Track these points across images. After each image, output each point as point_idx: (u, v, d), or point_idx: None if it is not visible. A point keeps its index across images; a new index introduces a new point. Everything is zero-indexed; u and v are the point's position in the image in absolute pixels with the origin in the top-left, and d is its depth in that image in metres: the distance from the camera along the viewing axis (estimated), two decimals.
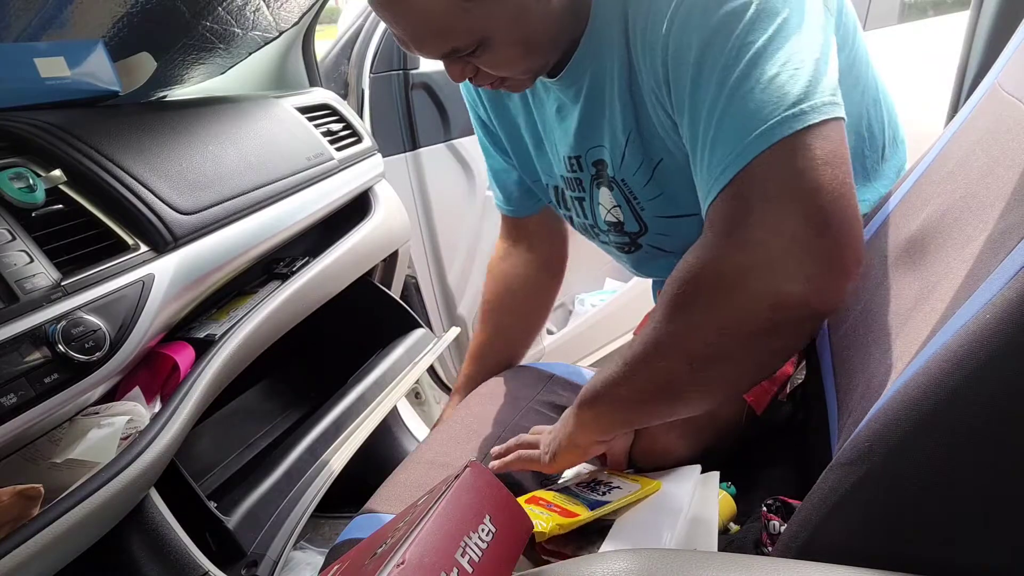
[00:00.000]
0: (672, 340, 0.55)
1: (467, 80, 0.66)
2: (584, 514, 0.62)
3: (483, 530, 0.46)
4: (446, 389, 1.61)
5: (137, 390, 0.67)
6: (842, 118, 0.51)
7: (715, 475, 0.67)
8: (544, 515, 0.61)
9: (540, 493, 0.67)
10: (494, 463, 0.73)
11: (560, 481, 0.72)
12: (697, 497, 0.63)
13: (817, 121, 0.50)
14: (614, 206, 0.73)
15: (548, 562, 0.58)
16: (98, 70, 0.78)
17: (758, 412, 0.73)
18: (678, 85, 0.55)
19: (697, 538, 0.58)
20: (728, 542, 0.58)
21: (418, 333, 1.13)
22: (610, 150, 0.68)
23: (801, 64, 0.51)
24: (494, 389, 0.94)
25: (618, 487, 0.67)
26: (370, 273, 1.13)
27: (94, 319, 0.59)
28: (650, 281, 0.96)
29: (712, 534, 0.58)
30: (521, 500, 0.64)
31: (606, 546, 0.59)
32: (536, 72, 0.68)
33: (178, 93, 1.04)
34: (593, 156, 0.71)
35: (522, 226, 0.96)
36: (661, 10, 0.55)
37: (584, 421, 0.65)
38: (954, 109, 1.08)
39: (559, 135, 0.74)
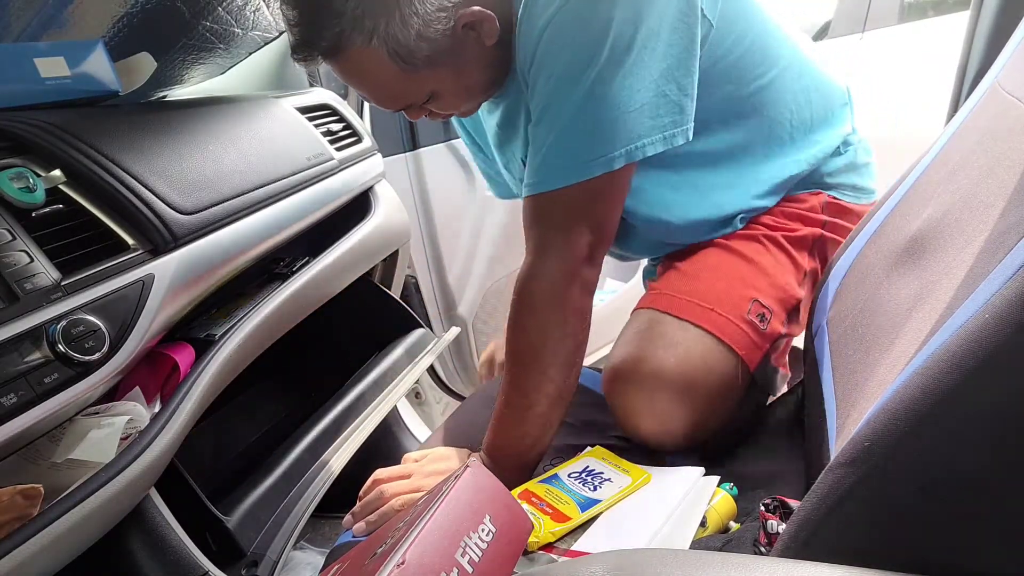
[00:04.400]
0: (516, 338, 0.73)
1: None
2: (576, 517, 0.62)
3: (483, 530, 0.46)
4: (446, 389, 1.61)
5: (137, 390, 0.67)
6: (637, 160, 0.67)
7: (713, 479, 0.67)
8: (536, 519, 0.61)
9: (531, 486, 0.68)
10: (370, 517, 0.71)
11: (550, 470, 0.72)
12: (688, 500, 0.63)
13: (619, 167, 0.67)
14: None
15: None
16: (98, 70, 0.78)
17: (752, 368, 0.77)
18: (534, 93, 0.70)
19: (672, 540, 0.58)
20: (726, 541, 0.59)
21: (418, 333, 1.13)
22: None
23: (621, 112, 0.65)
24: (494, 391, 0.94)
25: (609, 479, 0.68)
26: (370, 273, 1.13)
27: (94, 319, 0.59)
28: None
29: (687, 538, 0.58)
30: (513, 493, 0.64)
31: (586, 539, 0.60)
32: (481, 101, 0.80)
33: (178, 93, 1.04)
34: None
35: None
36: (536, 24, 0.66)
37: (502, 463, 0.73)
38: (954, 109, 1.08)
39: (513, 143, 0.85)
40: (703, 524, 0.62)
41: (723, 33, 0.72)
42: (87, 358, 0.58)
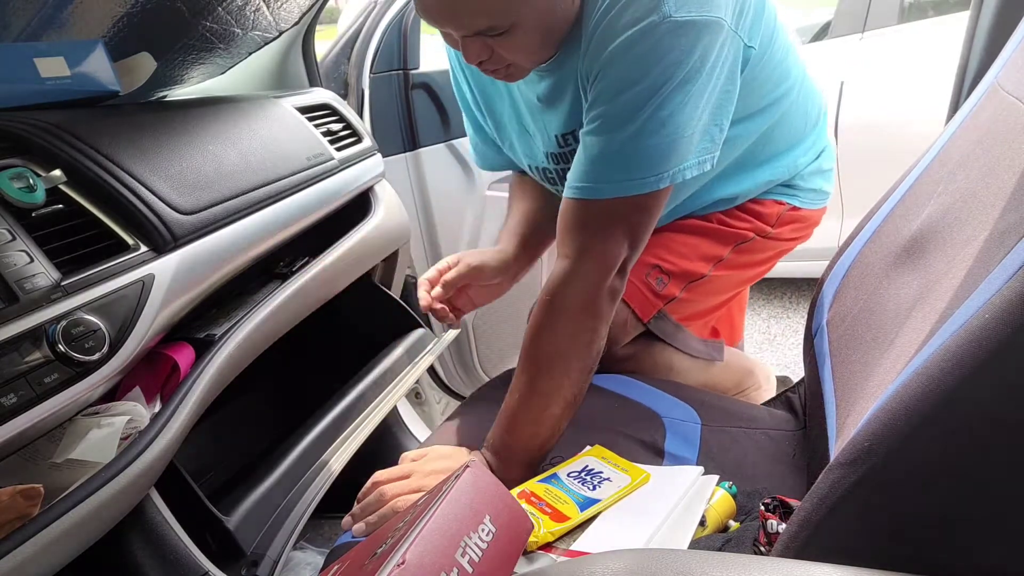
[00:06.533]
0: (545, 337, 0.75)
1: (474, 65, 0.76)
2: (575, 517, 0.62)
3: (483, 530, 0.46)
4: (446, 389, 1.61)
5: (137, 390, 0.67)
6: (677, 181, 0.72)
7: (712, 478, 0.67)
8: (535, 518, 0.61)
9: (530, 486, 0.68)
10: (370, 518, 0.71)
11: (549, 469, 0.72)
12: (687, 499, 0.63)
13: (662, 187, 0.72)
14: None
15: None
16: (98, 70, 0.78)
17: (644, 319, 0.92)
18: (596, 99, 0.72)
19: (672, 539, 0.58)
20: (725, 540, 0.59)
21: (418, 333, 1.13)
22: None
23: (677, 137, 0.70)
24: (494, 391, 0.94)
25: (608, 479, 0.68)
26: (370, 273, 1.13)
27: (94, 319, 0.59)
28: None
29: (686, 537, 0.58)
30: (512, 493, 0.64)
31: (585, 539, 0.60)
32: (537, 63, 0.79)
33: (178, 93, 1.04)
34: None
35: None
36: (606, 41, 0.70)
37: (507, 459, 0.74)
38: (954, 109, 1.08)
39: (550, 117, 0.86)
40: (702, 523, 0.62)
41: (757, 55, 0.77)
42: (87, 358, 0.58)
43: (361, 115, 1.32)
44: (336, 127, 1.09)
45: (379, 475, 0.76)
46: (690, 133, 0.71)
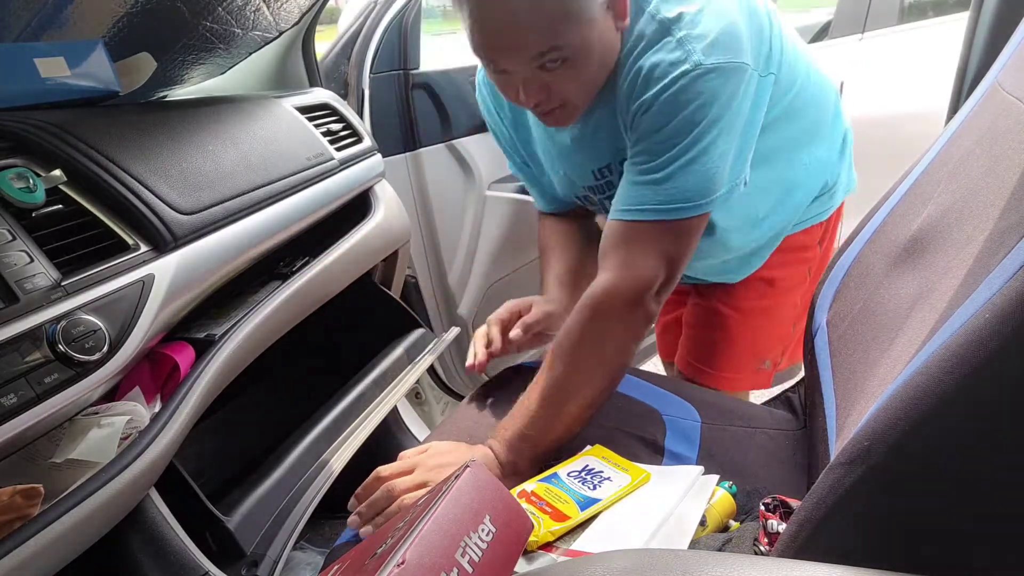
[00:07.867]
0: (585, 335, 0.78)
1: (529, 109, 0.82)
2: (575, 516, 0.62)
3: (483, 530, 0.46)
4: (446, 389, 1.61)
5: (137, 390, 0.67)
6: (711, 209, 0.79)
7: (713, 478, 0.67)
8: (536, 518, 0.61)
9: (530, 486, 0.68)
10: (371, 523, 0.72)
11: (549, 469, 0.72)
12: (688, 499, 0.63)
13: (699, 214, 0.78)
14: None
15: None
16: (98, 70, 0.78)
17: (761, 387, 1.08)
18: (638, 139, 0.79)
19: (672, 539, 0.58)
20: (726, 540, 0.59)
21: (418, 333, 1.13)
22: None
23: (709, 169, 0.77)
24: (494, 391, 0.94)
25: (608, 478, 0.68)
26: (370, 273, 1.13)
27: (94, 319, 0.59)
28: None
29: (686, 537, 0.58)
30: (512, 492, 0.64)
31: (585, 539, 0.60)
32: (587, 102, 0.83)
33: (178, 93, 1.04)
34: (619, 156, 0.87)
35: (563, 212, 1.12)
36: (647, 87, 0.76)
37: (517, 448, 0.75)
38: (954, 109, 1.08)
39: (583, 156, 0.92)
40: (703, 523, 0.62)
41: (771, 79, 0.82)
42: (87, 358, 0.58)
43: (361, 115, 1.32)
44: (336, 127, 1.09)
45: (381, 471, 0.76)
46: (722, 165, 0.77)
